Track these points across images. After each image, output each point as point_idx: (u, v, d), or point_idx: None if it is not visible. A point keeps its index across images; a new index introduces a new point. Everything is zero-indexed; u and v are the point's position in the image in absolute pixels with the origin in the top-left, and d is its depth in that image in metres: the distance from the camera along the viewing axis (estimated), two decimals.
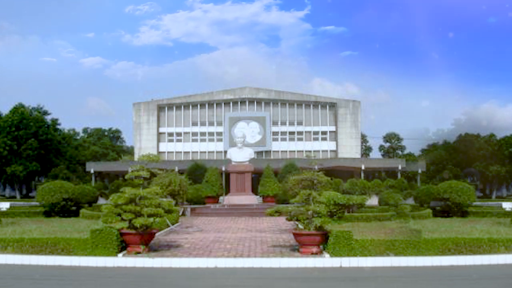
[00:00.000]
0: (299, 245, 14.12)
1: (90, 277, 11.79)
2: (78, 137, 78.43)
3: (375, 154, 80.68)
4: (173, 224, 20.96)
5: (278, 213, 15.75)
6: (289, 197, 24.98)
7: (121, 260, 13.14)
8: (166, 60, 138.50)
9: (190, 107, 56.48)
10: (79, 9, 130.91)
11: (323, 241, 13.95)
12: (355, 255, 13.28)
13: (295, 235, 14.40)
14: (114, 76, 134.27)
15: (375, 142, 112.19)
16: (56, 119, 61.10)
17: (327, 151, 55.61)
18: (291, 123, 55.96)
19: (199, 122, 56.27)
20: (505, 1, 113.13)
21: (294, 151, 54.95)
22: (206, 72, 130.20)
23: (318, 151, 54.48)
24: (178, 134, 56.33)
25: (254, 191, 33.85)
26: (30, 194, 57.22)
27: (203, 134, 56.21)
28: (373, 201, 34.97)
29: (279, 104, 56.01)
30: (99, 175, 52.06)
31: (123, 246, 14.07)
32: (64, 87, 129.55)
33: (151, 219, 14.29)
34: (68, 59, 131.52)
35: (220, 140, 55.34)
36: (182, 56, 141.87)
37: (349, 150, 54.61)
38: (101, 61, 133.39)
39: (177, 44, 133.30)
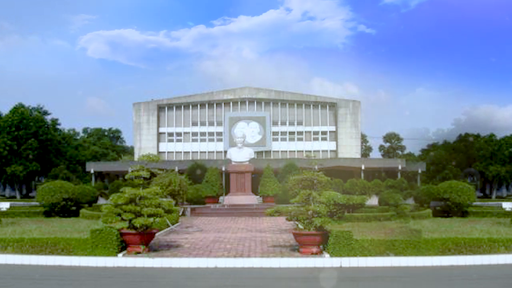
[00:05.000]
0: (299, 245, 14.11)
1: (90, 277, 11.79)
2: (78, 137, 78.43)
3: (375, 154, 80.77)
4: (173, 224, 20.96)
5: (278, 213, 15.73)
6: (289, 197, 24.96)
7: (121, 260, 13.14)
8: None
9: (190, 107, 56.45)
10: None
11: (323, 241, 13.95)
12: (355, 255, 13.28)
13: (295, 235, 14.40)
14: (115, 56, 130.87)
15: (375, 142, 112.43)
16: (56, 119, 61.20)
17: (327, 151, 55.59)
18: (291, 123, 55.95)
19: (199, 122, 56.25)
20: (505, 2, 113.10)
21: (294, 151, 54.93)
22: (206, 72, 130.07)
23: (318, 151, 54.47)
24: (178, 134, 56.31)
25: (254, 191, 33.82)
26: (30, 194, 57.18)
27: (203, 134, 56.20)
28: (373, 201, 34.97)
29: (279, 104, 56.00)
30: (99, 175, 52.04)
31: (123, 246, 14.07)
32: (64, 87, 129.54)
33: (151, 219, 14.29)
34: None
35: (220, 140, 55.33)
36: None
37: (349, 150, 54.60)
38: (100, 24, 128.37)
39: None
